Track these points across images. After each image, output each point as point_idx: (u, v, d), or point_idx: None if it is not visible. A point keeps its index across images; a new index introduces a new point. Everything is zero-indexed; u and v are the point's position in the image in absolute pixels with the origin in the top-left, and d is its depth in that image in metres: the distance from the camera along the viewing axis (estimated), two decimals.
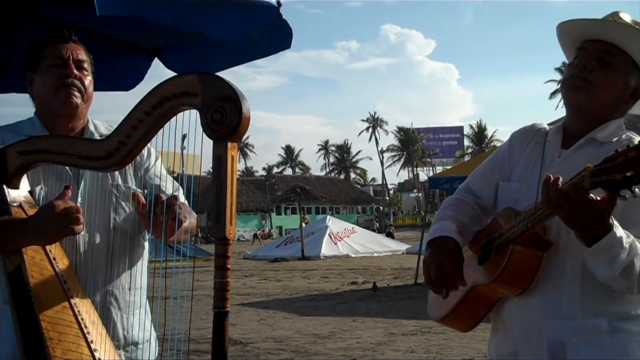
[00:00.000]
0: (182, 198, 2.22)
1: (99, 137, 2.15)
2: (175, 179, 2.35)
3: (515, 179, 2.11)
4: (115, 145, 1.74)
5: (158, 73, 3.25)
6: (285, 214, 64.87)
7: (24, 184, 1.97)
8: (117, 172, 2.17)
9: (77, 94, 2.12)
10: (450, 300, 2.09)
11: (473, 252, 2.10)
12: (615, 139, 1.96)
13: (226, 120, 1.57)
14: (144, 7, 2.33)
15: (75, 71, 2.13)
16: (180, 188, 2.27)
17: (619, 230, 1.72)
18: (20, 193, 1.95)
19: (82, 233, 1.97)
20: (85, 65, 2.17)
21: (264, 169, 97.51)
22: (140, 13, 2.34)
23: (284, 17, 2.64)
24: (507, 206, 2.03)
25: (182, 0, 2.47)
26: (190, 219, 2.08)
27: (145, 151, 2.21)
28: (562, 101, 2.08)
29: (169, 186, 2.25)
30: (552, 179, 1.69)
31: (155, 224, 1.89)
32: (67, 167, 2.08)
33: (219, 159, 1.57)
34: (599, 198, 1.65)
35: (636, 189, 1.54)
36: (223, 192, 1.56)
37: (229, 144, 1.57)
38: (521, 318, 1.96)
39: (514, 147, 2.17)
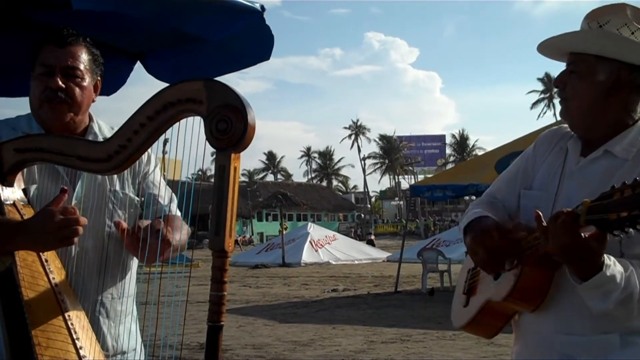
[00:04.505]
0: (174, 208, 2.20)
1: (102, 139, 2.08)
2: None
3: (536, 187, 2.10)
4: (115, 148, 1.68)
5: (141, 77, 3.24)
6: (267, 220, 64.67)
7: (19, 181, 1.91)
8: (115, 178, 2.12)
9: (62, 107, 2.04)
10: (469, 311, 2.12)
11: None
12: (633, 154, 1.91)
13: (231, 130, 1.52)
14: (122, 3, 2.26)
15: (61, 82, 2.02)
16: (175, 199, 2.23)
17: (611, 269, 1.69)
18: (14, 191, 1.89)
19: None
20: (78, 72, 2.06)
21: (244, 175, 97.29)
22: (118, 8, 2.27)
23: (267, 22, 2.63)
24: (521, 220, 1.99)
25: None
26: (180, 235, 2.03)
27: (145, 157, 2.17)
28: None
29: (165, 195, 2.21)
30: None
31: (142, 250, 1.85)
32: (61, 168, 2.01)
33: (222, 170, 1.53)
34: (587, 235, 1.62)
35: (631, 230, 1.45)
36: (224, 204, 1.52)
37: (233, 155, 1.54)
38: (535, 331, 1.97)
39: (538, 153, 2.16)
